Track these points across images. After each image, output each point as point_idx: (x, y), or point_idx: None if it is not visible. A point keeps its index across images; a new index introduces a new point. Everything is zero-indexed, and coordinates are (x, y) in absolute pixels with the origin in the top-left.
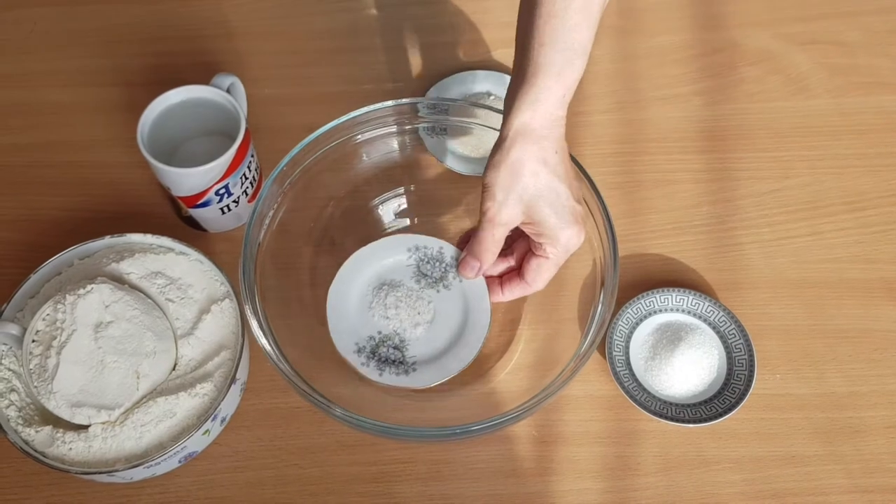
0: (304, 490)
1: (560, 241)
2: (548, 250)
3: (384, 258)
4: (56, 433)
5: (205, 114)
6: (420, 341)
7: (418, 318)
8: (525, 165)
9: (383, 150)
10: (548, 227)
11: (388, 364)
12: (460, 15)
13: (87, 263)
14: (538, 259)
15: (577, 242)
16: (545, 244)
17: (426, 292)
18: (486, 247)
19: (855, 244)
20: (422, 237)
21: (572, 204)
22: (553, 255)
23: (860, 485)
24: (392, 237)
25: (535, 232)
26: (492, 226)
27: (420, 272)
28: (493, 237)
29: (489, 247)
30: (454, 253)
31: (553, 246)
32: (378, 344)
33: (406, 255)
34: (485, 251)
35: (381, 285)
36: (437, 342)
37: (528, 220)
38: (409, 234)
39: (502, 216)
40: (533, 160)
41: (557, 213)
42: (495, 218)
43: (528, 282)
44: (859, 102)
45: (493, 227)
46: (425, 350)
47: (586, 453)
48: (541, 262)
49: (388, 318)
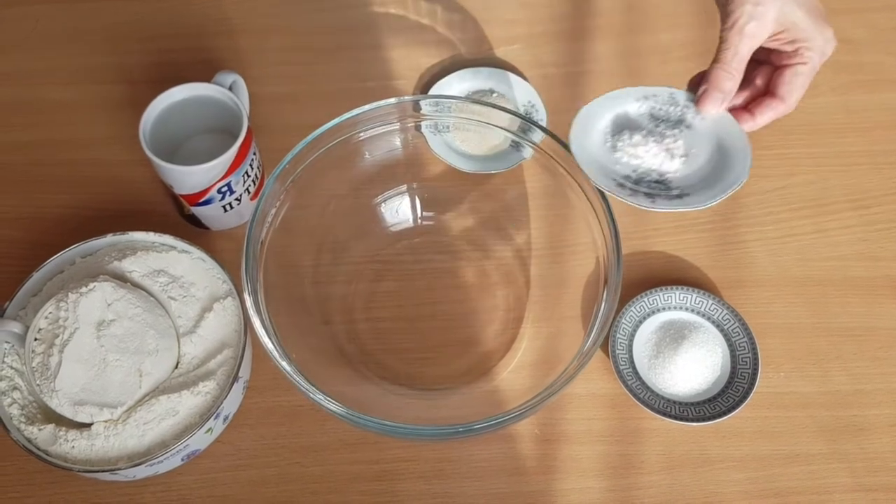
0: (307, 488)
1: (817, 43)
2: (805, 55)
3: (614, 109)
4: (59, 431)
5: (207, 111)
6: (679, 173)
7: (672, 153)
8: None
9: (386, 147)
10: (804, 30)
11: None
12: (463, 12)
13: (89, 261)
14: (793, 68)
15: (832, 45)
16: (802, 49)
17: (669, 132)
18: (730, 70)
19: (860, 242)
20: (648, 87)
21: (819, 4)
22: (811, 59)
23: (864, 483)
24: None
25: (788, 39)
26: (740, 38)
27: (655, 117)
28: (737, 55)
29: (733, 70)
30: (686, 97)
31: (811, 49)
32: (637, 181)
33: (637, 105)
34: (728, 76)
35: (622, 130)
36: (700, 172)
37: (780, 27)
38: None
39: (751, 26)
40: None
41: (810, 13)
42: (746, 27)
43: (782, 97)
44: (864, 100)
45: (741, 39)
46: (688, 181)
47: (589, 452)
48: (797, 70)
49: (639, 157)
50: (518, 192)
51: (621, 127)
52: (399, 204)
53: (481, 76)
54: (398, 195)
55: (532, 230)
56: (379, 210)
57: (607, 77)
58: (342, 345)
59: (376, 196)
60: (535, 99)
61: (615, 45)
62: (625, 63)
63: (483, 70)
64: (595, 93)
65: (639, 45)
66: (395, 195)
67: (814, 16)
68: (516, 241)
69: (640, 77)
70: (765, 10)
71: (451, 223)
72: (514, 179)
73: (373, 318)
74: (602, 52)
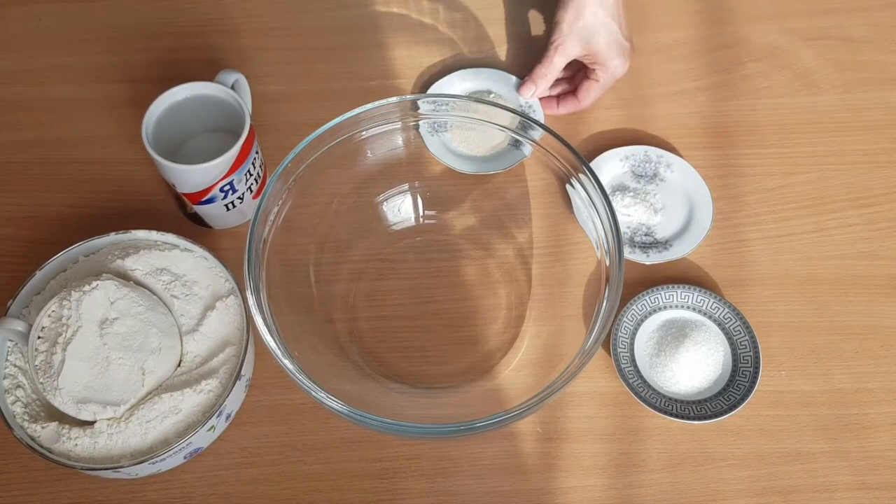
0: (309, 486)
1: (609, 68)
2: (598, 74)
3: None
4: (61, 429)
5: (209, 110)
6: (661, 225)
7: (654, 207)
8: (587, 7)
9: (388, 146)
10: (601, 56)
11: (649, 247)
12: (465, 11)
13: (92, 260)
14: (590, 82)
15: (622, 71)
16: (597, 69)
17: (650, 188)
18: (545, 73)
19: (861, 241)
20: (627, 147)
21: (621, 40)
22: (602, 78)
23: (865, 482)
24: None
25: (590, 60)
26: (555, 54)
27: (636, 175)
28: (552, 65)
29: (547, 73)
30: (659, 152)
31: (603, 71)
32: (632, 235)
33: (620, 164)
34: (543, 76)
35: (613, 191)
36: (676, 223)
37: (586, 52)
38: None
39: (565, 47)
40: (593, 2)
41: (609, 46)
42: (559, 48)
43: (579, 99)
44: (866, 98)
45: (556, 55)
46: (669, 230)
47: (591, 450)
48: (591, 84)
49: (629, 216)
50: (519, 190)
51: (613, 189)
52: (401, 203)
53: (481, 77)
54: (400, 194)
55: (534, 229)
56: (381, 209)
57: None
58: (344, 343)
59: (378, 195)
60: (534, 101)
61: None
62: None
63: (484, 71)
64: None
65: (639, 45)
66: (396, 194)
67: (611, 48)
68: (518, 240)
69: (643, 75)
70: (577, 38)
71: (453, 222)
72: (516, 178)
73: (375, 317)
74: None
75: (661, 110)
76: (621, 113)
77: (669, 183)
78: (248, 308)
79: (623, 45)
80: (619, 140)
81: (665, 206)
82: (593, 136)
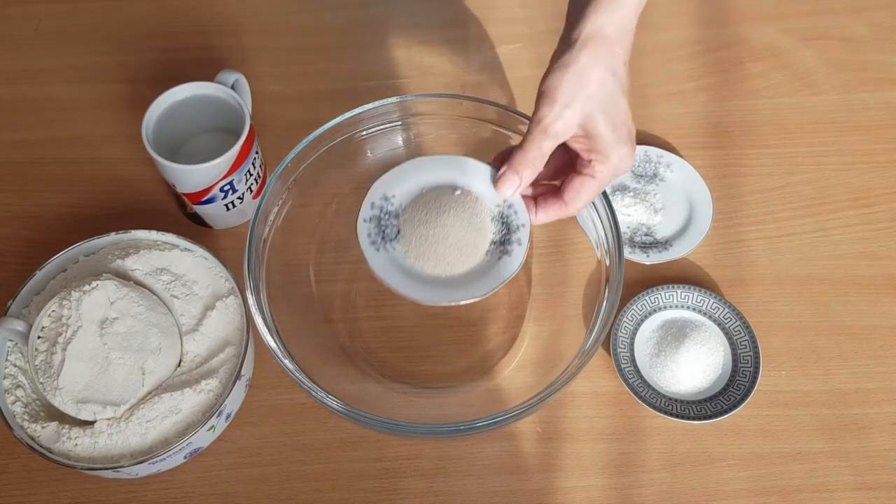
0: (309, 486)
1: (611, 160)
2: (596, 168)
3: None
4: (62, 429)
5: (209, 110)
6: (661, 225)
7: (654, 207)
8: (594, 73)
9: (388, 146)
10: (602, 143)
11: (649, 247)
12: (465, 11)
13: (92, 260)
14: (582, 178)
15: (628, 164)
16: (595, 162)
17: (650, 188)
18: (530, 161)
19: (861, 240)
20: None
21: (629, 122)
22: (601, 173)
23: (865, 482)
24: None
25: (585, 147)
26: (543, 136)
27: (636, 175)
28: (540, 150)
29: (533, 161)
30: (656, 152)
31: (603, 164)
32: (632, 235)
33: None
34: (527, 166)
35: (613, 191)
36: (676, 223)
37: (583, 132)
38: None
39: (557, 126)
40: (602, 68)
41: (615, 129)
42: (550, 127)
43: (566, 202)
44: (866, 98)
45: (545, 137)
46: (669, 230)
47: (591, 450)
48: (584, 181)
49: (629, 216)
50: None
51: (613, 189)
52: None
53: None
54: None
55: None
56: None
57: None
58: (344, 343)
59: None
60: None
61: None
62: None
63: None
64: None
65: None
66: None
67: (618, 132)
68: None
69: (644, 74)
70: (572, 114)
71: None
72: None
73: (375, 317)
74: None
75: (661, 110)
76: None
77: (669, 183)
78: (248, 308)
79: (631, 130)
80: None
81: (665, 206)
82: None
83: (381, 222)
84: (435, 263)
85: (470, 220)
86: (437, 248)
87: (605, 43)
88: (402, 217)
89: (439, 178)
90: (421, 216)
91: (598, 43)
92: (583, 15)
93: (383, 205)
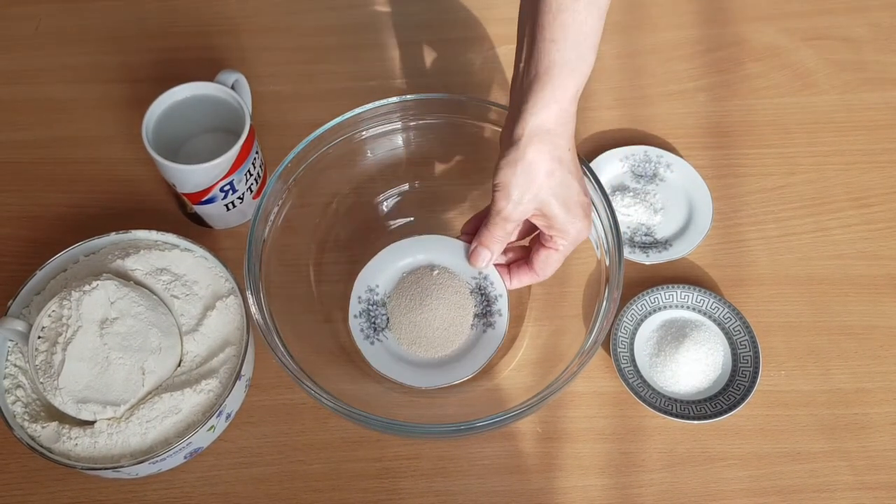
0: (309, 486)
1: (570, 234)
2: (558, 242)
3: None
4: (62, 429)
5: (209, 110)
6: (661, 225)
7: (654, 207)
8: (541, 166)
9: (388, 146)
10: (559, 222)
11: (649, 247)
12: (464, 11)
13: (92, 260)
14: (547, 250)
15: (585, 234)
16: (556, 237)
17: (649, 188)
18: (497, 239)
19: (860, 240)
20: (629, 148)
21: (582, 198)
22: (563, 246)
23: (865, 481)
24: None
25: (545, 225)
26: (505, 223)
27: (636, 174)
28: (504, 231)
29: (500, 240)
30: (659, 152)
31: (563, 238)
32: (632, 235)
33: (620, 164)
34: (495, 242)
35: (613, 191)
36: (676, 223)
37: (540, 214)
38: (618, 148)
39: (515, 215)
40: (548, 160)
41: (569, 209)
42: (510, 217)
43: (536, 271)
44: (866, 98)
45: (507, 223)
46: (669, 230)
47: (590, 450)
48: (550, 254)
49: (629, 216)
50: None
51: (613, 189)
52: (401, 203)
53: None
54: (400, 194)
55: None
56: (381, 209)
57: (609, 76)
58: (344, 343)
59: (378, 194)
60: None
61: (617, 45)
62: (626, 62)
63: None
64: (597, 91)
65: (640, 44)
66: (396, 194)
67: (572, 211)
68: None
69: (644, 75)
70: (527, 204)
71: (453, 222)
72: None
73: None
74: (603, 52)
75: (661, 110)
76: (621, 113)
77: (669, 183)
78: (247, 308)
79: (585, 203)
80: (619, 140)
81: (665, 206)
82: (593, 136)
83: (370, 314)
84: (426, 347)
85: (452, 298)
86: (427, 331)
87: (547, 136)
88: (388, 305)
89: (416, 260)
90: (406, 302)
91: (541, 138)
92: (523, 113)
93: (370, 297)
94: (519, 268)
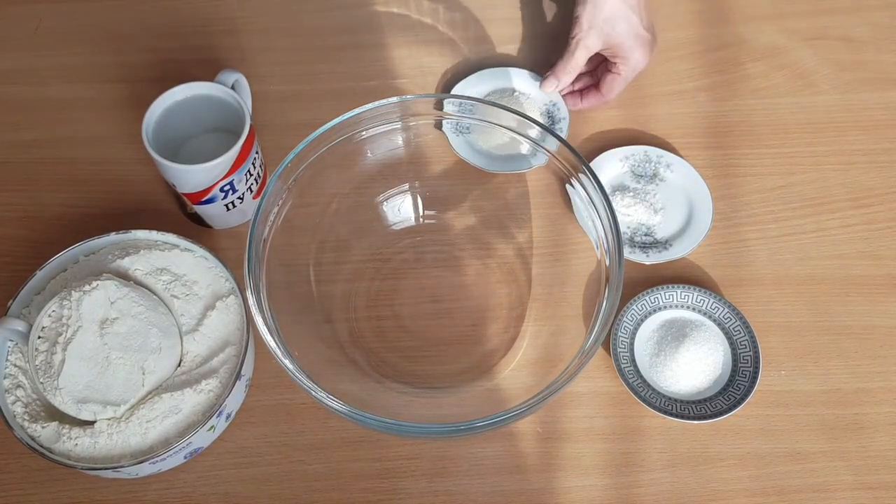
0: (309, 486)
1: (630, 61)
2: (620, 68)
3: (603, 173)
4: (62, 429)
5: (209, 110)
6: (661, 225)
7: (654, 207)
8: (609, 2)
9: (388, 146)
10: (622, 49)
11: (649, 247)
12: (465, 11)
13: (92, 260)
14: (612, 75)
15: (643, 64)
16: (619, 62)
17: (649, 188)
18: (567, 67)
19: (861, 240)
20: (629, 148)
21: (642, 31)
22: (624, 71)
23: (865, 481)
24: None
25: (611, 53)
26: (576, 48)
27: (636, 174)
28: (575, 59)
29: (570, 68)
30: (659, 152)
31: (625, 64)
32: (632, 235)
33: (620, 164)
34: (565, 71)
35: (613, 191)
36: (676, 223)
37: (607, 45)
38: (618, 148)
39: (586, 42)
40: None
41: (629, 38)
42: (580, 42)
43: (602, 93)
44: (866, 98)
45: (578, 49)
46: (669, 230)
47: (590, 450)
48: (614, 78)
49: (629, 216)
50: (519, 190)
51: (613, 189)
52: (401, 202)
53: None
54: (400, 194)
55: (534, 228)
56: (381, 208)
57: None
58: (344, 343)
59: (378, 194)
60: (557, 98)
61: None
62: None
63: (502, 70)
64: None
65: None
66: (397, 194)
67: (635, 41)
68: (518, 240)
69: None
70: (598, 32)
71: (453, 222)
72: (516, 178)
73: (375, 317)
74: None
75: (661, 110)
76: (621, 113)
77: (669, 183)
78: (248, 308)
79: (644, 36)
80: (619, 140)
81: (665, 206)
82: (593, 136)
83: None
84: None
85: None
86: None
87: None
88: None
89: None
90: None
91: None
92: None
93: None
94: (588, 92)
